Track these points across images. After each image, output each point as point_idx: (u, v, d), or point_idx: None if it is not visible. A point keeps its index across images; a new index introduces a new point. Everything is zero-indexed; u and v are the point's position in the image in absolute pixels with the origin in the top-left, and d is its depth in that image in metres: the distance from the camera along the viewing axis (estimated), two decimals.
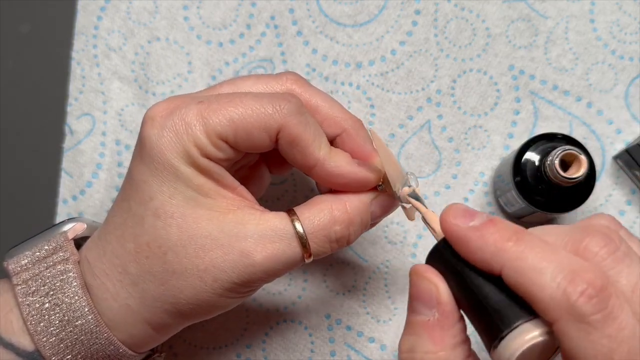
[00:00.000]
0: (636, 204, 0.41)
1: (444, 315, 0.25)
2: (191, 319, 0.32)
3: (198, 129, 0.29)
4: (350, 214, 0.31)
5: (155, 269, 0.30)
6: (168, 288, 0.30)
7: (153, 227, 0.30)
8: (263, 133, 0.30)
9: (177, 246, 0.30)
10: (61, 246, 0.32)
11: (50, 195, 0.43)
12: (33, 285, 0.30)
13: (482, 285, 0.24)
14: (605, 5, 0.42)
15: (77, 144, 0.43)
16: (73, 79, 0.44)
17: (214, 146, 0.29)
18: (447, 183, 0.42)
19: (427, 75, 0.42)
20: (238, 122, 0.29)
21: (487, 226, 0.25)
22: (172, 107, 0.30)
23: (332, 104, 0.33)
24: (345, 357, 0.41)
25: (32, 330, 0.30)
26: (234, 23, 0.44)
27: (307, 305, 0.41)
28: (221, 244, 0.30)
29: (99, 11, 0.44)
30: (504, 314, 0.23)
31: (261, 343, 0.41)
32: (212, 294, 0.30)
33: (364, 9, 0.43)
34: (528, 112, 0.42)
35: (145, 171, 0.30)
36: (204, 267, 0.30)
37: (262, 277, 0.30)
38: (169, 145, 0.29)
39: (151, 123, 0.30)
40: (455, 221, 0.25)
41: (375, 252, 0.41)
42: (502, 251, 0.24)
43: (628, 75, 0.42)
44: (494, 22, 0.43)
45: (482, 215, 0.25)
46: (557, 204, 0.36)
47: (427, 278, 0.26)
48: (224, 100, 0.30)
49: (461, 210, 0.26)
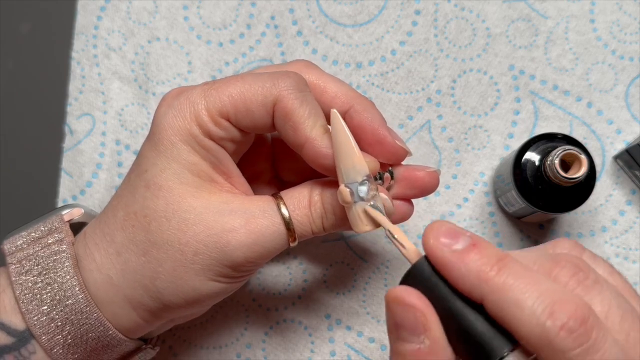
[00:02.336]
0: (636, 204, 0.41)
1: (434, 342, 0.24)
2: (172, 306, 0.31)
3: (200, 106, 0.30)
4: (323, 198, 0.32)
5: (138, 238, 0.31)
6: (148, 259, 0.30)
7: (142, 197, 0.31)
8: (261, 107, 0.30)
9: (162, 217, 0.30)
10: (57, 228, 0.32)
11: (50, 195, 0.43)
12: (27, 265, 0.31)
13: (465, 313, 0.24)
14: (605, 5, 0.42)
15: (77, 144, 0.43)
16: (73, 79, 0.44)
17: (215, 124, 0.30)
18: (447, 183, 0.42)
19: (427, 75, 0.42)
20: (237, 96, 0.30)
21: (470, 251, 0.24)
22: (182, 89, 0.32)
23: (339, 83, 0.33)
24: (345, 357, 0.41)
25: (24, 309, 0.30)
26: (234, 23, 0.44)
27: (307, 305, 0.41)
28: (204, 219, 0.30)
29: (99, 11, 0.44)
30: (488, 344, 0.23)
31: (261, 343, 0.41)
32: (190, 270, 0.30)
33: (364, 9, 0.43)
34: (528, 112, 0.42)
35: (148, 146, 0.31)
36: (185, 241, 0.30)
37: (244, 255, 0.30)
38: (171, 121, 0.30)
39: (162, 103, 0.32)
40: (437, 243, 0.24)
41: (375, 252, 0.41)
42: (483, 281, 0.23)
43: (628, 75, 0.42)
44: (494, 22, 0.43)
45: (465, 237, 0.24)
46: (557, 204, 0.36)
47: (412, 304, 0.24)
48: (227, 79, 0.31)
49: (444, 230, 0.24)
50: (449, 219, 0.41)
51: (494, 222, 0.41)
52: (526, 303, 0.22)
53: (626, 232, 0.41)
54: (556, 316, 0.21)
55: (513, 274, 0.23)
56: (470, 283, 0.23)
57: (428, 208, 0.41)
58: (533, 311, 0.22)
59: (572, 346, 0.21)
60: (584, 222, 0.41)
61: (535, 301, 0.22)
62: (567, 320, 0.21)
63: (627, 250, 0.40)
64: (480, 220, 0.41)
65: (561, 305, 0.22)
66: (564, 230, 0.41)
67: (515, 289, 0.22)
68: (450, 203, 0.42)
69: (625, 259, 0.40)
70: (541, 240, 0.41)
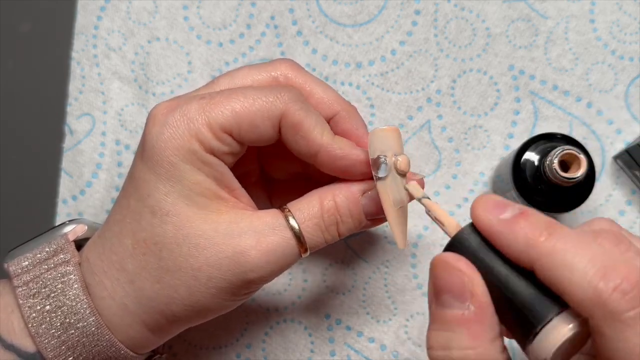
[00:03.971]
0: (636, 204, 0.41)
1: (481, 308, 0.24)
2: (186, 322, 0.32)
3: (200, 122, 0.29)
4: (338, 202, 0.31)
5: (151, 265, 0.30)
6: (163, 287, 0.30)
7: (150, 224, 0.30)
8: (267, 121, 0.30)
9: (172, 244, 0.30)
10: (62, 248, 0.32)
11: (50, 195, 0.43)
12: (34, 288, 0.30)
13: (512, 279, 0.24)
14: (605, 5, 0.42)
15: (77, 144, 0.43)
16: (73, 79, 0.44)
17: (217, 140, 0.30)
18: (447, 183, 0.42)
19: (427, 75, 0.42)
20: (241, 112, 0.30)
21: (518, 220, 0.24)
22: (174, 105, 0.30)
23: (325, 88, 0.33)
24: (345, 357, 0.41)
25: (34, 332, 0.30)
26: (234, 23, 0.44)
27: (307, 305, 0.41)
28: (215, 243, 0.30)
29: (99, 11, 0.44)
30: (535, 308, 0.23)
31: (261, 343, 0.41)
32: (206, 294, 0.30)
33: (363, 9, 0.43)
34: (528, 112, 0.42)
35: (145, 169, 0.30)
36: (198, 266, 0.30)
37: (258, 275, 0.30)
38: (168, 141, 0.29)
39: (153, 121, 0.30)
40: (486, 214, 0.24)
41: (375, 252, 0.41)
42: (533, 247, 0.23)
43: (628, 75, 0.42)
44: (494, 22, 0.43)
45: (514, 207, 0.25)
46: (557, 204, 0.36)
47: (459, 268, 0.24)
48: (226, 94, 0.30)
49: (492, 202, 0.25)
50: None
51: None
52: (578, 265, 0.22)
53: None
54: (609, 278, 0.21)
55: (563, 238, 0.23)
56: (520, 249, 0.23)
57: None
58: (585, 273, 0.22)
59: (626, 307, 0.21)
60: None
61: (587, 264, 0.22)
62: (621, 282, 0.21)
63: None
64: None
65: (614, 268, 0.22)
66: None
67: (566, 253, 0.22)
68: (450, 203, 0.42)
69: None
70: None
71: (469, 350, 0.24)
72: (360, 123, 0.33)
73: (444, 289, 0.24)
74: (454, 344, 0.24)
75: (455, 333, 0.24)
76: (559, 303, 0.23)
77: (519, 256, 0.23)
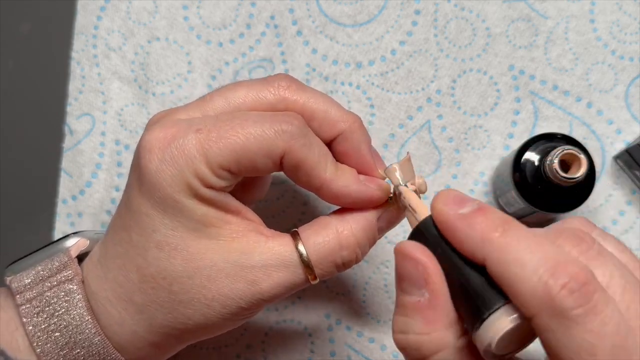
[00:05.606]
0: (636, 204, 0.41)
1: (434, 295, 0.24)
2: (199, 338, 0.32)
3: (199, 160, 0.28)
4: (357, 236, 0.31)
5: (161, 299, 0.30)
6: (176, 316, 0.30)
7: (157, 259, 0.30)
8: (267, 159, 0.29)
9: (183, 277, 0.29)
10: (65, 265, 0.31)
11: (50, 195, 0.43)
12: (38, 306, 0.30)
13: (466, 269, 0.24)
14: (605, 5, 0.42)
15: (77, 144, 0.43)
16: (73, 79, 0.44)
17: (216, 176, 0.29)
18: (447, 183, 0.42)
19: (427, 75, 0.42)
20: (240, 151, 0.29)
21: (476, 215, 0.24)
22: (168, 137, 0.29)
23: (327, 106, 0.31)
24: (345, 357, 0.41)
25: (39, 351, 0.30)
26: (234, 23, 0.44)
27: (307, 305, 0.41)
28: (227, 274, 0.30)
29: (99, 11, 0.44)
30: (485, 296, 0.23)
31: (261, 343, 0.41)
32: (220, 318, 0.30)
33: (363, 9, 0.43)
34: (528, 112, 0.42)
35: (146, 204, 0.29)
36: (212, 297, 0.30)
37: (270, 301, 0.31)
38: (169, 179, 0.29)
39: (149, 155, 0.29)
40: (445, 207, 0.25)
41: (375, 252, 0.41)
42: (487, 242, 0.23)
43: (628, 75, 0.42)
44: (494, 22, 0.43)
45: (473, 202, 0.25)
46: (557, 204, 0.36)
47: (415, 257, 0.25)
48: (224, 128, 0.29)
49: (452, 196, 0.25)
50: None
51: None
52: (529, 263, 0.22)
53: (626, 232, 0.41)
54: (558, 275, 0.21)
55: (517, 236, 0.23)
56: (474, 244, 0.23)
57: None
58: (535, 270, 0.22)
59: (572, 305, 0.21)
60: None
61: (537, 261, 0.22)
62: (569, 280, 0.21)
63: None
64: None
65: (564, 266, 0.22)
66: None
67: (518, 249, 0.22)
68: None
69: None
70: None
71: (423, 335, 0.24)
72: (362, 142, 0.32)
73: (402, 277, 0.25)
74: (410, 329, 0.25)
75: (411, 318, 0.25)
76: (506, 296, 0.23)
77: (474, 251, 0.24)
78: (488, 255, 0.23)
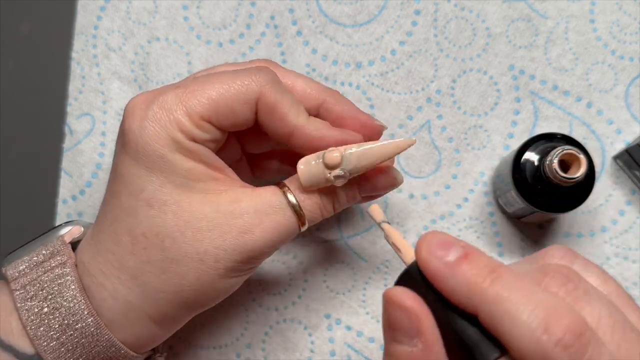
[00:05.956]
0: (636, 204, 0.41)
1: (427, 346, 0.23)
2: (195, 308, 0.32)
3: (180, 113, 0.30)
4: None
5: (154, 258, 0.30)
6: (170, 276, 0.30)
7: (147, 216, 0.30)
8: (244, 105, 0.30)
9: (175, 232, 0.30)
10: (58, 250, 0.32)
11: (50, 195, 0.43)
12: (31, 290, 0.30)
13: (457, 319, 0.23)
14: (605, 5, 0.42)
15: (77, 144, 0.43)
16: (73, 79, 0.44)
17: (198, 128, 0.30)
18: (447, 183, 0.42)
19: (427, 75, 0.42)
20: (218, 99, 0.30)
21: (461, 263, 0.23)
22: (150, 97, 0.31)
23: (306, 79, 0.34)
24: (345, 357, 0.41)
25: (32, 334, 0.30)
26: (234, 23, 0.44)
27: (307, 305, 0.41)
28: (218, 224, 0.30)
29: (99, 11, 0.44)
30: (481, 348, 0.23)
31: (261, 343, 0.41)
32: (214, 275, 0.30)
33: (363, 9, 0.43)
34: (528, 112, 0.42)
35: (132, 164, 0.30)
36: (204, 250, 0.30)
37: (263, 251, 0.31)
38: (153, 135, 0.30)
39: (132, 116, 0.30)
40: (429, 256, 0.24)
41: (375, 252, 0.41)
42: (476, 294, 0.23)
43: (628, 75, 0.42)
44: (494, 22, 0.43)
45: (458, 247, 0.24)
46: (557, 204, 0.36)
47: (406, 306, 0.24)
48: (201, 81, 0.30)
49: (435, 242, 0.24)
50: (448, 219, 0.41)
51: (494, 222, 0.41)
52: (521, 317, 0.21)
53: (626, 232, 0.41)
54: (551, 331, 0.21)
55: (506, 285, 0.22)
56: (463, 295, 0.23)
57: (428, 208, 0.42)
58: (528, 325, 0.21)
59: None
60: (583, 222, 0.41)
61: (529, 315, 0.21)
62: (563, 336, 0.21)
63: (627, 250, 0.40)
64: (479, 220, 0.41)
65: (556, 319, 0.21)
66: (564, 230, 0.41)
67: (508, 301, 0.22)
68: (450, 203, 0.42)
69: (625, 259, 0.40)
70: (541, 240, 0.41)
71: None
72: (349, 105, 0.34)
73: (393, 326, 0.24)
74: None
75: None
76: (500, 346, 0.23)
77: (464, 301, 0.23)
78: (479, 307, 0.23)
